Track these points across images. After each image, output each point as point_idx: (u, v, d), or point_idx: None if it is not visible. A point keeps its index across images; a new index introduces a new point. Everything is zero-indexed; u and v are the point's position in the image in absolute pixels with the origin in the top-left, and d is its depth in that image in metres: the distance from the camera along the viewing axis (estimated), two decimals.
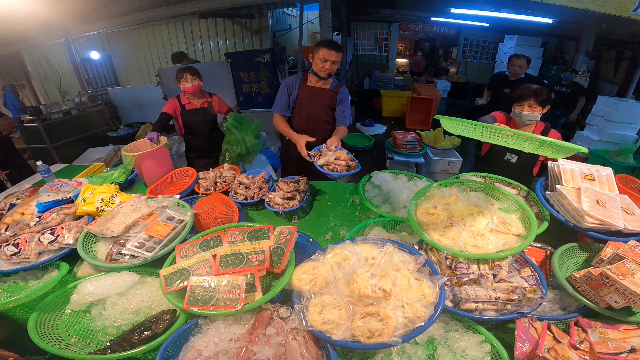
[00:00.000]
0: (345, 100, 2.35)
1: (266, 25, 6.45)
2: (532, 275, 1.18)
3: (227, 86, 5.45)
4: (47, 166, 2.35)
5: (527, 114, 1.89)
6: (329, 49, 2.04)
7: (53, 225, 1.56)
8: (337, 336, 0.95)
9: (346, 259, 1.20)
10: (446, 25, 9.90)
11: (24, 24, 4.18)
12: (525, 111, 1.89)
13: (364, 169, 1.84)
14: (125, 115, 6.56)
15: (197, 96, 2.77)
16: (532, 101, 1.87)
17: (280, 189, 1.85)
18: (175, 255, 1.29)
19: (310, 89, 2.25)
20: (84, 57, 6.67)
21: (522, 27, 7.08)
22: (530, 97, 1.86)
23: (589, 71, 5.73)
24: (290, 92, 2.27)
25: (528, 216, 1.38)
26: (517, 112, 1.92)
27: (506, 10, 5.56)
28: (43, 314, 1.14)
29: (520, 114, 1.90)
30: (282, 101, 2.29)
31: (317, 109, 2.29)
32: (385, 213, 1.67)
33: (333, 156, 1.83)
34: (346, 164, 1.80)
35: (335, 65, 2.10)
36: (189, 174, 2.08)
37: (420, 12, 8.00)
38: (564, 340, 0.97)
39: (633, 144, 3.94)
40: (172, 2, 4.54)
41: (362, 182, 1.91)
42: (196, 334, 1.04)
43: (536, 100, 1.86)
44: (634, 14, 3.10)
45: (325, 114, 2.32)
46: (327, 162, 1.81)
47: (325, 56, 2.05)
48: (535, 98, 1.86)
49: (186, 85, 2.61)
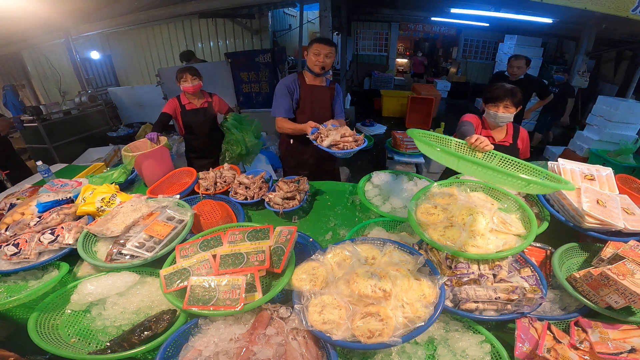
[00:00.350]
0: (340, 95, 2.37)
1: (266, 25, 6.45)
2: (532, 275, 1.18)
3: (227, 86, 5.45)
4: (47, 166, 2.35)
5: (503, 115, 1.84)
6: (320, 42, 2.07)
7: (53, 225, 1.56)
8: (337, 336, 0.95)
9: (346, 259, 1.20)
10: (446, 25, 9.90)
11: (24, 24, 4.18)
12: (500, 112, 1.84)
13: (364, 169, 1.83)
14: (125, 116, 6.57)
15: (197, 96, 2.77)
16: (508, 102, 1.82)
17: (280, 189, 1.85)
18: (175, 255, 1.29)
19: (310, 88, 2.24)
20: (84, 57, 6.67)
21: (522, 27, 7.07)
22: (506, 97, 1.82)
23: (589, 71, 5.72)
24: (292, 94, 2.25)
25: (528, 216, 1.37)
26: (492, 114, 1.87)
27: (506, 10, 5.56)
28: (43, 314, 1.14)
29: (495, 115, 1.85)
30: (286, 103, 2.23)
31: (320, 107, 2.29)
32: (385, 213, 1.67)
33: (338, 134, 1.73)
34: (353, 139, 1.73)
35: (328, 59, 2.09)
36: (189, 174, 2.08)
37: (420, 12, 8.00)
38: (564, 340, 0.97)
39: (633, 144, 3.94)
40: (172, 2, 4.54)
41: (362, 182, 1.91)
42: (196, 334, 1.04)
43: (512, 101, 1.82)
44: (633, 14, 3.10)
45: (327, 111, 2.33)
46: (335, 141, 1.70)
47: (319, 49, 2.06)
48: (511, 99, 1.82)
49: (186, 85, 2.61)
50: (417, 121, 6.85)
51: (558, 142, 5.59)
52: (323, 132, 1.83)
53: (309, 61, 2.13)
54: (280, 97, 2.23)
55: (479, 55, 10.33)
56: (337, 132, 1.75)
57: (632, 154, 3.96)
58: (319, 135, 1.83)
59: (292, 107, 2.26)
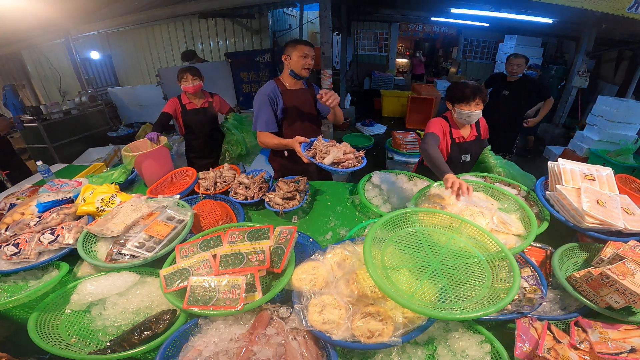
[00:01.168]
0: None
1: (266, 25, 6.45)
2: (532, 275, 1.18)
3: (227, 86, 5.46)
4: (47, 166, 2.35)
5: (476, 112, 1.86)
6: (306, 45, 2.00)
7: (53, 225, 1.56)
8: (337, 336, 0.95)
9: (346, 259, 1.20)
10: (446, 25, 9.90)
11: (24, 24, 4.18)
12: (473, 110, 1.86)
13: (364, 169, 1.82)
14: (125, 115, 6.57)
15: (198, 96, 2.76)
16: (479, 99, 1.85)
17: (280, 189, 1.84)
18: (175, 255, 1.29)
19: (292, 93, 2.11)
20: (84, 57, 6.67)
21: (522, 27, 7.08)
22: (476, 95, 1.84)
23: (589, 71, 5.72)
24: (274, 103, 2.06)
25: (528, 216, 1.38)
26: (466, 113, 1.87)
27: (506, 10, 5.56)
28: (43, 314, 1.14)
29: (470, 114, 1.86)
30: (267, 115, 2.04)
31: (306, 112, 2.18)
32: (385, 213, 1.67)
33: (340, 152, 1.65)
34: (355, 157, 1.69)
35: (312, 60, 2.04)
36: (189, 174, 2.08)
37: (420, 12, 8.00)
38: (564, 340, 0.97)
39: (633, 144, 3.94)
40: (172, 2, 4.54)
41: (362, 182, 1.91)
42: (196, 334, 1.04)
43: (481, 98, 1.85)
44: (629, 12, 3.12)
45: (313, 114, 2.23)
46: (338, 159, 1.62)
47: (306, 51, 1.99)
48: (480, 96, 1.84)
49: (187, 85, 2.61)
50: (417, 121, 6.86)
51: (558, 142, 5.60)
52: (320, 148, 1.69)
53: (295, 64, 2.00)
54: (260, 108, 2.04)
55: (479, 55, 10.34)
56: (338, 150, 1.65)
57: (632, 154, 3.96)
58: (315, 152, 1.69)
59: (276, 117, 2.09)
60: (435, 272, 1.05)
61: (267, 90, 2.05)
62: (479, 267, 1.06)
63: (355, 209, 1.85)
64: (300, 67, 2.01)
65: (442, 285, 1.00)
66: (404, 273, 1.05)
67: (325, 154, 1.64)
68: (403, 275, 1.04)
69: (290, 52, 2.00)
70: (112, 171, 2.23)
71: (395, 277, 1.02)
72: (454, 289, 0.98)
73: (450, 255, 1.11)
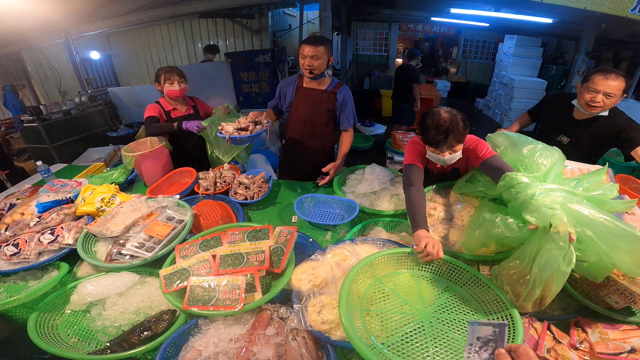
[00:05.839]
0: (347, 101, 2.12)
1: (266, 25, 6.45)
2: None
3: (227, 86, 5.45)
4: (47, 166, 2.35)
5: (450, 157, 1.40)
6: (305, 44, 1.92)
7: (53, 225, 1.56)
8: (336, 336, 0.95)
9: (346, 259, 1.20)
10: (446, 25, 9.90)
11: (24, 24, 4.18)
12: (447, 156, 1.40)
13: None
14: (125, 115, 6.55)
15: (180, 102, 2.37)
16: (452, 140, 1.34)
17: (239, 122, 1.81)
18: (175, 255, 1.29)
19: (305, 91, 2.10)
20: (84, 57, 6.66)
21: (522, 27, 7.06)
22: (449, 138, 1.33)
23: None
24: (283, 95, 2.17)
25: None
26: (435, 157, 1.45)
27: (506, 10, 5.56)
28: (43, 314, 1.14)
29: (440, 159, 1.43)
30: (273, 103, 2.27)
31: (312, 112, 2.13)
32: (386, 212, 1.67)
33: (239, 124, 1.77)
34: (253, 122, 1.78)
35: (315, 60, 1.90)
36: (189, 174, 2.08)
37: (420, 12, 8.00)
38: (564, 340, 0.97)
39: None
40: (172, 2, 4.54)
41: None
42: (196, 334, 1.04)
43: (455, 139, 1.34)
44: (632, 14, 3.12)
45: (322, 117, 2.15)
46: (240, 127, 1.76)
47: (303, 52, 1.92)
48: (455, 137, 1.33)
49: (172, 88, 2.20)
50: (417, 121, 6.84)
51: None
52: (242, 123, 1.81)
53: (300, 64, 1.98)
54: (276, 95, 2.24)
55: (479, 55, 10.33)
56: (238, 122, 1.79)
57: None
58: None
59: (280, 107, 2.25)
60: (422, 326, 0.94)
61: (285, 81, 2.18)
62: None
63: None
64: (302, 68, 1.98)
65: (424, 342, 0.89)
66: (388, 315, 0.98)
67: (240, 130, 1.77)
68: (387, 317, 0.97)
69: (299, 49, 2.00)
70: (112, 171, 2.22)
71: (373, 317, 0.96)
72: (435, 348, 0.86)
73: (445, 308, 1.02)
